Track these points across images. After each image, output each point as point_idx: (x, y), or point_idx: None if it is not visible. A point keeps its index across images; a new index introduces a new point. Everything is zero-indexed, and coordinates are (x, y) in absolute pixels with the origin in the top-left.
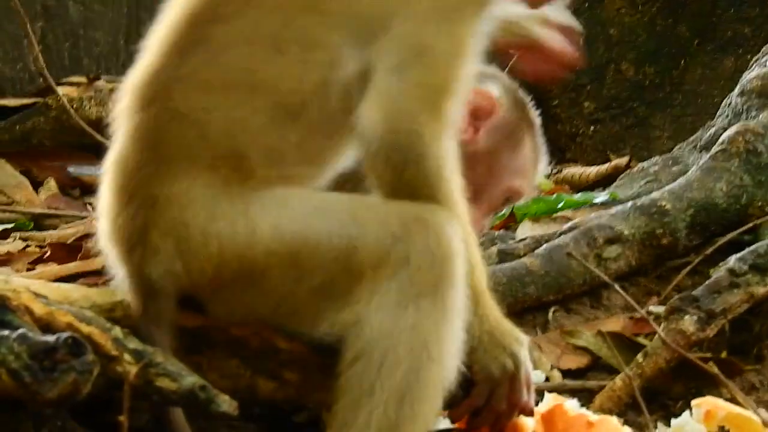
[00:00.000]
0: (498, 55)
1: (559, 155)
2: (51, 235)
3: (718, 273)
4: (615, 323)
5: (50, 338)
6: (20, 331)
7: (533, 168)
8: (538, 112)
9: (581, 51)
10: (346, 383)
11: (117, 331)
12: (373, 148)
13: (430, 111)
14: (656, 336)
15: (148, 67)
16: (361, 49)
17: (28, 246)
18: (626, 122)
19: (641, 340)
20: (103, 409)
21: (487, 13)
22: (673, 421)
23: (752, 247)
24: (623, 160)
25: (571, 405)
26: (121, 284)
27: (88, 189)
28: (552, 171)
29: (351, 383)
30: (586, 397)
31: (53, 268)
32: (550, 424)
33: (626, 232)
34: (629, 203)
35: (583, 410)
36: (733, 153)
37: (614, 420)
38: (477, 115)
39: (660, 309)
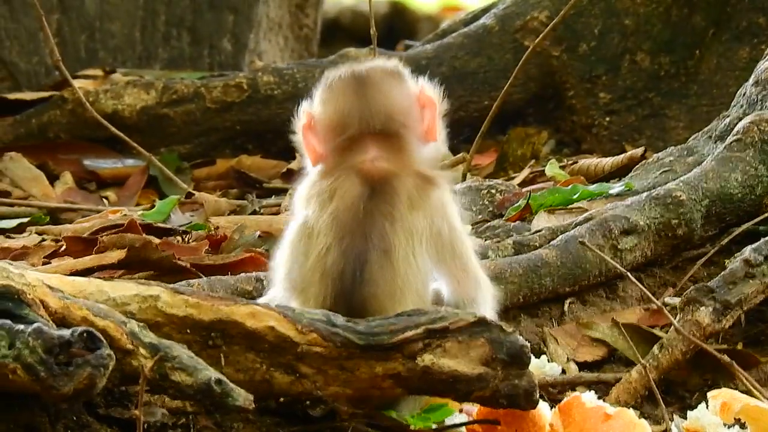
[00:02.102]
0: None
1: (574, 146)
2: (67, 229)
3: (734, 264)
4: (631, 315)
5: (65, 332)
6: (35, 325)
7: None
8: (554, 103)
9: None
10: None
11: (132, 324)
12: None
13: None
14: (672, 327)
15: None
16: None
17: (43, 240)
18: (641, 113)
19: (657, 331)
20: (119, 403)
21: None
22: (690, 413)
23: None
24: (638, 151)
25: (589, 397)
26: None
27: (104, 182)
28: (567, 162)
29: None
30: (602, 390)
31: (69, 262)
32: (567, 415)
33: (642, 223)
34: (645, 194)
35: (601, 402)
36: (748, 143)
37: (631, 412)
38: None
39: (676, 300)
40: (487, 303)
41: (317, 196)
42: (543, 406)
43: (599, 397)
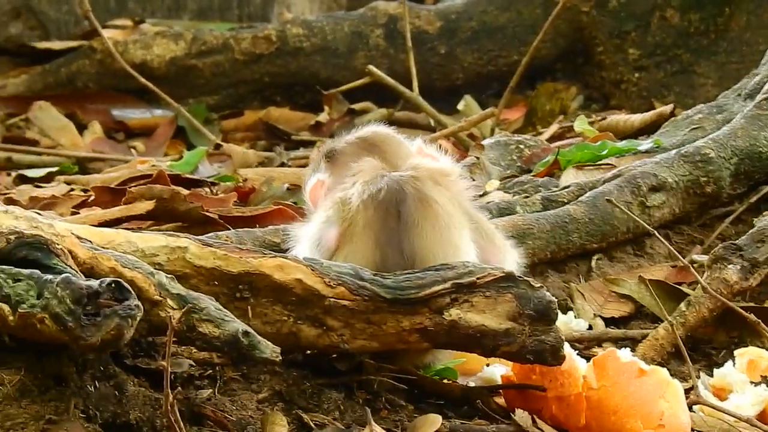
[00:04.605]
0: None
1: (603, 102)
2: (95, 179)
3: (762, 222)
4: (658, 271)
5: (94, 283)
6: (64, 275)
7: None
8: (583, 59)
9: None
10: None
11: (161, 275)
12: None
13: None
14: (699, 285)
15: None
16: None
17: (72, 190)
18: (671, 69)
19: (684, 288)
20: (146, 354)
21: None
22: (716, 371)
23: None
24: (668, 108)
25: (624, 353)
26: None
27: (133, 133)
28: (596, 118)
29: None
30: (628, 346)
31: (97, 213)
32: (601, 369)
33: (670, 180)
34: (673, 151)
35: (635, 358)
36: None
37: (664, 371)
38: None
39: (703, 258)
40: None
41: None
42: (578, 359)
43: None
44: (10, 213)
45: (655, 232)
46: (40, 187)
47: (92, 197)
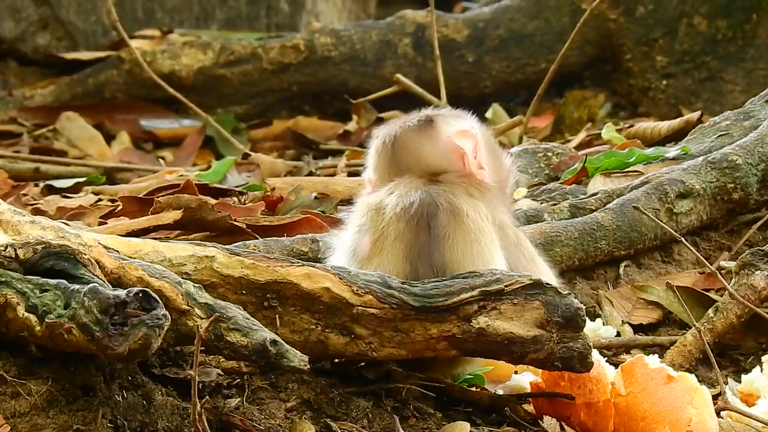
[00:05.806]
0: None
1: (631, 109)
2: (123, 189)
3: None
4: (686, 278)
5: (121, 292)
6: (91, 285)
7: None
8: (611, 66)
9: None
10: None
11: (188, 285)
12: None
13: None
14: (727, 291)
15: None
16: None
17: (100, 200)
18: (698, 76)
19: (712, 295)
20: (174, 363)
21: None
22: (744, 377)
23: None
24: (695, 115)
25: (652, 359)
26: None
27: (161, 143)
28: (624, 125)
29: None
30: (657, 353)
31: (125, 223)
32: (629, 375)
33: (698, 187)
34: (701, 158)
35: (663, 365)
36: None
37: (692, 377)
38: (475, 153)
39: (731, 264)
40: None
41: (375, 195)
42: (606, 366)
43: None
44: (37, 223)
45: (683, 238)
46: (68, 197)
47: (120, 207)
